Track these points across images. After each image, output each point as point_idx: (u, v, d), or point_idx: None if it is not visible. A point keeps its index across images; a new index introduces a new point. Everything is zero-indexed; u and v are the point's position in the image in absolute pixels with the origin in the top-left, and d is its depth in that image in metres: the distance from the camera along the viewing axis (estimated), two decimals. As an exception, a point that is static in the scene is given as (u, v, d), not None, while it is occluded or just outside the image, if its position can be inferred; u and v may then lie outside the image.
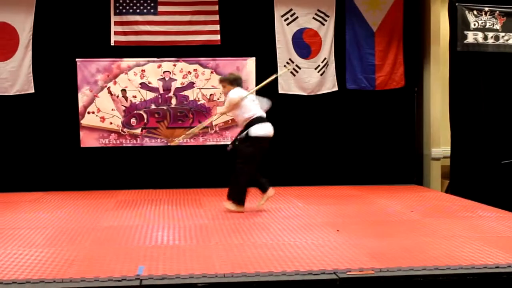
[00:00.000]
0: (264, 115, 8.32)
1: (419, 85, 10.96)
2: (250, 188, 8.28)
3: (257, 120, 8.15)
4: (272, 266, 5.49)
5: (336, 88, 10.62)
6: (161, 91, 10.32)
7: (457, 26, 9.95)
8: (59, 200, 9.30)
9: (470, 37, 9.99)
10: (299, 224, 7.43)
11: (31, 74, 10.05)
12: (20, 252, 6.05)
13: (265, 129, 8.17)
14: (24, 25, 10.00)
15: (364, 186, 10.44)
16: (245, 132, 8.11)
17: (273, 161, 10.58)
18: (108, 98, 10.26)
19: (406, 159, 10.91)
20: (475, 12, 9.96)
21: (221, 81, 8.58)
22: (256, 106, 8.24)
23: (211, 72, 10.38)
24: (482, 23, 9.98)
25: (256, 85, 10.40)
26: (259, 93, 8.77)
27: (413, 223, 7.49)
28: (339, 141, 10.72)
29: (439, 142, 10.82)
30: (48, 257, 5.86)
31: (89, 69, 10.21)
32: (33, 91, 10.08)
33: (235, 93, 8.19)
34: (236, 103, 8.12)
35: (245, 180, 8.09)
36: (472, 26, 9.98)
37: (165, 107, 10.27)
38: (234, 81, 8.33)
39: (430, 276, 5.26)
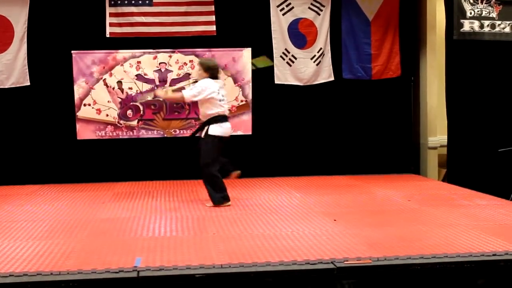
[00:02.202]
0: (227, 113, 8.20)
1: (415, 74, 10.95)
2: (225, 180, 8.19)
3: (219, 119, 7.95)
4: (270, 256, 5.49)
5: (332, 78, 10.60)
6: (157, 83, 10.30)
7: (453, 14, 9.92)
8: (55, 192, 9.28)
9: (466, 26, 9.97)
10: (296, 214, 7.44)
11: (27, 67, 10.01)
12: (17, 245, 6.04)
13: (224, 129, 8.00)
14: (19, 17, 9.95)
15: (361, 175, 10.44)
16: (205, 129, 7.95)
17: (270, 152, 10.62)
18: (104, 90, 10.23)
19: (402, 148, 10.91)
20: (471, 0, 9.93)
21: (199, 63, 8.29)
22: (222, 104, 7.99)
23: (208, 64, 10.34)
24: (478, 11, 9.96)
25: (253, 76, 10.42)
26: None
27: (410, 212, 7.50)
28: (335, 131, 10.72)
29: (436, 131, 10.83)
30: (45, 249, 5.85)
31: (84, 61, 10.18)
32: (28, 83, 10.04)
33: (204, 86, 7.87)
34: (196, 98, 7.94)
35: (213, 181, 7.95)
36: (468, 14, 9.95)
37: (161, 99, 10.23)
38: (209, 69, 8.00)
39: (428, 265, 5.27)
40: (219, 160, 8.04)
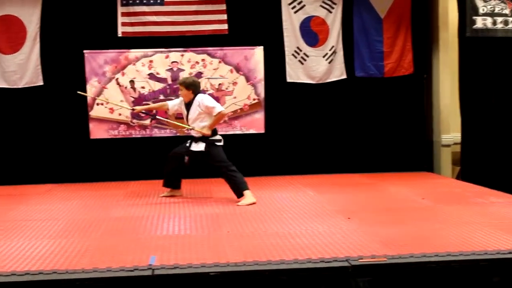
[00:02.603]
0: None
1: (428, 71, 10.90)
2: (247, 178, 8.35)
3: (215, 131, 8.35)
4: (284, 254, 5.49)
5: (344, 76, 10.58)
6: (169, 82, 10.31)
7: (466, 11, 9.86)
8: (69, 191, 9.31)
9: (479, 23, 9.91)
10: (310, 212, 7.43)
11: (40, 67, 10.06)
12: (33, 244, 6.07)
13: (221, 141, 8.36)
14: (31, 17, 9.99)
15: (375, 173, 10.40)
16: (204, 143, 8.20)
17: (283, 150, 10.61)
18: (117, 89, 10.25)
19: (416, 146, 10.86)
20: (483, -3, 9.89)
21: (179, 84, 8.47)
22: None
23: (219, 62, 10.34)
24: (491, 8, 9.90)
25: (265, 74, 10.40)
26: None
27: (424, 210, 7.47)
28: (348, 129, 10.69)
29: (449, 129, 10.77)
30: (61, 248, 5.88)
31: (97, 60, 10.20)
32: (42, 83, 10.09)
33: (215, 102, 8.27)
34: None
35: (237, 174, 8.16)
36: (480, 11, 9.89)
37: (173, 97, 10.22)
38: (191, 86, 8.27)
39: (443, 263, 5.24)
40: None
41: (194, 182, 9.69)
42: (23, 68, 10.02)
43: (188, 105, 8.31)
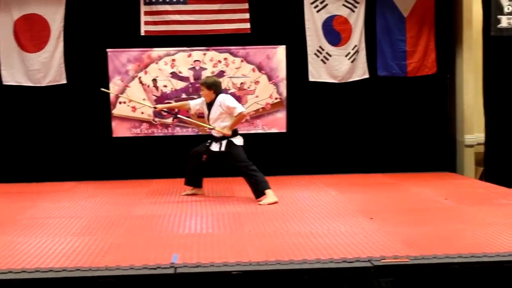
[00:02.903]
0: None
1: (451, 71, 10.81)
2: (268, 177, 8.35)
3: (236, 131, 8.36)
4: (306, 254, 5.48)
5: (367, 75, 10.53)
6: (192, 80, 10.33)
7: (491, 10, 9.74)
8: (92, 189, 9.38)
9: (504, 22, 9.80)
10: (332, 212, 7.41)
11: (63, 65, 10.13)
12: (56, 241, 6.12)
13: (242, 141, 8.35)
14: (55, 16, 10.06)
15: (397, 173, 10.33)
16: (224, 143, 8.23)
17: (305, 149, 10.59)
18: (139, 88, 10.29)
19: (439, 146, 10.79)
20: (508, -4, 9.79)
21: (206, 85, 8.39)
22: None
23: (242, 61, 10.35)
24: (516, 7, 9.81)
25: (287, 73, 10.39)
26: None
27: (447, 211, 7.41)
28: (371, 129, 10.64)
29: (473, 129, 10.68)
30: (84, 245, 5.92)
31: (120, 59, 10.26)
32: (65, 81, 10.16)
33: (236, 102, 8.30)
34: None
35: (258, 174, 8.16)
36: (505, 10, 9.79)
37: (195, 96, 10.25)
38: (212, 86, 8.30)
39: (467, 264, 5.21)
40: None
41: (216, 180, 9.70)
42: (46, 67, 10.10)
43: (210, 105, 8.34)
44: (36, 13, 10.04)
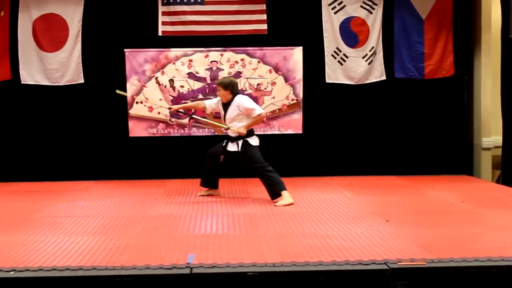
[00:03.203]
0: None
1: (469, 73, 10.76)
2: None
3: (252, 131, 8.34)
4: (322, 255, 5.47)
5: (384, 77, 10.50)
6: (209, 81, 10.36)
7: (509, 13, 9.69)
8: (109, 189, 9.42)
9: (523, 24, 9.75)
10: (348, 214, 7.39)
11: (81, 65, 10.19)
12: (73, 240, 6.15)
13: (258, 141, 8.34)
14: (73, 16, 10.13)
15: (413, 176, 10.30)
16: (240, 143, 8.22)
17: (321, 151, 10.58)
18: (156, 88, 10.33)
19: (456, 149, 10.74)
20: (528, -2, 9.71)
21: (223, 85, 8.34)
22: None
23: (258, 62, 10.36)
24: (535, 9, 9.74)
25: (304, 75, 10.39)
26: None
27: (464, 214, 7.38)
28: (387, 131, 10.61)
29: (490, 132, 10.62)
30: (100, 244, 5.95)
31: (137, 59, 10.30)
32: (82, 81, 10.22)
33: (254, 104, 8.33)
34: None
35: (274, 175, 8.15)
36: (525, 12, 9.74)
37: (212, 97, 10.26)
38: (229, 86, 8.28)
39: (483, 268, 5.17)
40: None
41: (232, 181, 9.72)
42: (64, 66, 10.16)
43: (226, 105, 8.34)
44: (55, 13, 10.11)
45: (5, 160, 10.31)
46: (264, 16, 10.30)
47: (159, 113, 10.34)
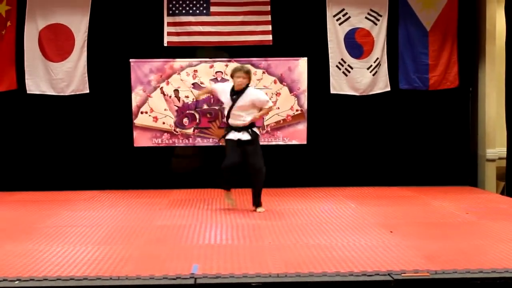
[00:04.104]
0: None
1: (473, 84, 10.76)
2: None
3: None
4: (326, 266, 5.47)
5: (388, 88, 10.51)
6: (213, 91, 10.38)
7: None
8: (113, 198, 9.44)
9: (527, 36, 9.76)
10: (352, 224, 7.39)
11: (86, 75, 10.21)
12: (77, 249, 6.17)
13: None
14: (79, 26, 10.17)
15: (417, 187, 10.29)
16: (249, 132, 8.17)
17: (325, 162, 10.58)
18: (161, 98, 10.36)
19: (460, 160, 10.74)
20: (532, 9, 9.73)
21: (246, 72, 8.26)
22: None
23: (263, 72, 10.38)
24: (540, 20, 9.76)
25: (308, 85, 10.40)
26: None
27: (468, 225, 7.37)
28: (391, 142, 10.61)
29: (494, 143, 10.62)
30: (104, 254, 5.96)
31: (142, 69, 10.34)
32: (88, 91, 10.24)
33: (266, 96, 8.56)
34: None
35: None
36: (529, 24, 9.76)
37: (217, 107, 10.31)
38: (250, 73, 8.35)
39: (488, 279, 5.18)
40: None
41: (235, 192, 9.69)
42: (70, 76, 10.19)
43: (237, 94, 8.19)
44: (61, 23, 10.15)
45: (11, 169, 10.34)
46: (269, 27, 10.33)
47: (164, 123, 10.36)
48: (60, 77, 10.18)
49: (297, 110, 10.48)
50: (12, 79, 10.16)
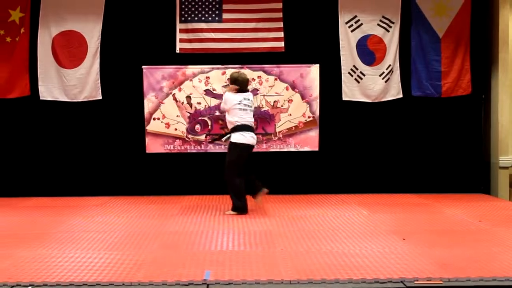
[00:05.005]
0: (249, 123, 8.65)
1: (486, 92, 10.72)
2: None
3: (240, 127, 8.53)
4: (338, 273, 5.46)
5: (401, 95, 10.49)
6: (226, 98, 10.39)
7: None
8: (125, 204, 9.46)
9: (541, 43, 9.73)
10: (364, 232, 7.37)
11: (99, 81, 10.26)
12: (90, 255, 6.18)
13: (245, 138, 8.57)
14: (92, 33, 10.22)
15: (430, 194, 10.25)
16: (228, 136, 8.64)
17: (337, 168, 10.57)
18: (173, 105, 10.39)
19: (473, 167, 10.69)
20: (545, 16, 9.70)
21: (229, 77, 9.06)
22: (244, 113, 8.60)
23: (275, 79, 10.39)
24: (553, 28, 9.72)
25: (320, 92, 10.41)
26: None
27: (481, 233, 7.33)
28: (404, 149, 10.59)
29: (508, 150, 10.57)
30: (117, 260, 5.97)
31: (154, 76, 10.37)
32: (100, 97, 10.29)
33: (225, 101, 8.72)
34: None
35: (236, 189, 8.56)
36: (542, 31, 9.72)
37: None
38: (235, 82, 8.73)
39: (501, 287, 5.14)
40: (241, 167, 8.57)
41: (248, 198, 9.70)
42: (83, 83, 10.24)
43: None
44: (74, 30, 10.20)
45: (24, 175, 10.40)
46: (281, 34, 10.35)
47: (176, 129, 10.39)
48: (73, 83, 10.22)
49: (309, 117, 10.47)
50: (25, 86, 10.22)
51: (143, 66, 10.36)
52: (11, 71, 10.17)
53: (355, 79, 10.41)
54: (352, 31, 10.42)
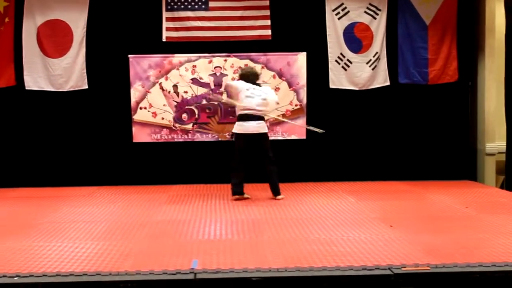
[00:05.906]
0: (252, 112, 8.64)
1: (473, 79, 10.75)
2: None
3: (241, 117, 8.69)
4: (326, 261, 5.47)
5: (388, 83, 10.49)
6: (212, 86, 10.36)
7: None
8: (112, 194, 9.43)
9: (527, 29, 9.74)
10: (352, 219, 7.39)
11: (85, 70, 10.20)
12: (77, 245, 6.16)
13: (243, 127, 8.68)
14: (78, 22, 10.15)
15: (417, 181, 10.28)
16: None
17: (325, 156, 10.57)
18: (160, 94, 10.35)
19: (459, 154, 10.73)
20: (531, 3, 9.71)
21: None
22: (247, 102, 8.67)
23: (262, 67, 10.35)
24: (540, 14, 9.74)
25: (307, 80, 10.39)
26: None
27: (468, 219, 7.37)
28: (391, 136, 10.61)
29: (494, 137, 10.61)
30: (104, 250, 5.96)
31: (141, 65, 10.32)
32: (86, 87, 10.23)
33: (233, 83, 9.09)
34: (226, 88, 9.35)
35: (232, 172, 8.79)
36: (528, 18, 9.73)
37: (216, 103, 10.30)
38: (242, 77, 8.94)
39: (488, 273, 5.18)
40: (244, 156, 8.77)
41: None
42: (69, 72, 10.17)
43: None
44: (59, 19, 10.13)
45: (9, 165, 10.33)
46: (268, 22, 10.31)
47: (163, 118, 10.35)
48: (59, 73, 10.16)
49: (296, 105, 10.46)
50: (10, 75, 10.14)
51: (129, 55, 10.31)
52: (-5, 61, 10.10)
53: (342, 66, 10.40)
54: (339, 18, 10.40)
